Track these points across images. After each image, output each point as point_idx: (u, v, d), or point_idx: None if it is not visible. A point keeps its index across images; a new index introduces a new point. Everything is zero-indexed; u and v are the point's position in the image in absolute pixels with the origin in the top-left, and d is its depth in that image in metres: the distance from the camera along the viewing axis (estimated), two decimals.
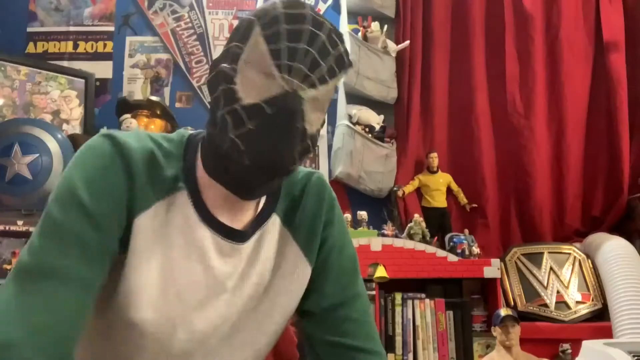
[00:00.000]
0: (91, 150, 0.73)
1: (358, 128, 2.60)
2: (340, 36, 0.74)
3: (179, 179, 0.77)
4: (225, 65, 0.73)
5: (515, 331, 2.04)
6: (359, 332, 0.84)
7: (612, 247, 2.35)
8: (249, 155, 0.69)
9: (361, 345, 0.83)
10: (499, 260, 2.29)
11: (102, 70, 2.89)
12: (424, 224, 2.43)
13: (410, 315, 2.22)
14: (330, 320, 0.84)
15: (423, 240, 2.37)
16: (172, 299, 0.75)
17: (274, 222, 0.83)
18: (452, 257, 2.27)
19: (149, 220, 0.74)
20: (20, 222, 2.21)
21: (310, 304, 0.85)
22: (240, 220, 0.80)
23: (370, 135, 2.62)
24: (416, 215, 2.46)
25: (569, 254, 2.50)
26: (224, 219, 0.78)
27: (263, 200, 0.83)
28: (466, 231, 2.50)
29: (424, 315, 2.23)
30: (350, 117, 2.63)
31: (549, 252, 2.51)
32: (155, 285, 0.74)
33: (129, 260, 0.73)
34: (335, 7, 2.94)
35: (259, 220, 0.82)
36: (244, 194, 0.77)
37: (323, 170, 2.76)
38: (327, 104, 0.76)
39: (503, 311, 2.08)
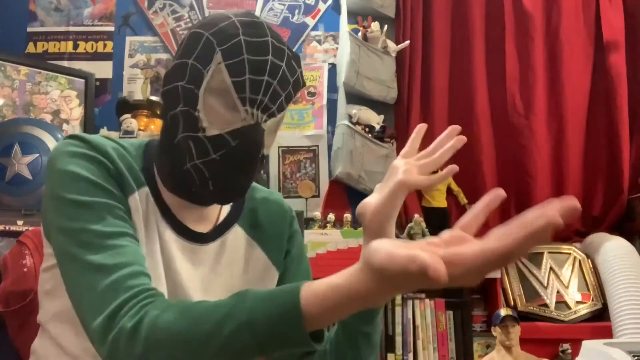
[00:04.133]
0: (66, 146, 0.77)
1: (358, 128, 2.60)
2: (297, 60, 0.80)
3: (139, 177, 0.81)
4: (184, 84, 0.75)
5: (515, 331, 2.04)
6: None
7: (612, 247, 2.34)
8: (214, 182, 0.75)
9: None
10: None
11: (102, 70, 2.89)
12: (424, 224, 2.43)
13: (410, 315, 2.22)
14: None
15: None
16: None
17: (237, 232, 0.89)
18: None
19: (136, 202, 0.79)
20: (20, 222, 2.20)
21: None
22: (201, 224, 0.85)
23: (370, 135, 2.62)
24: (416, 215, 2.46)
25: (569, 254, 2.50)
26: (182, 220, 0.83)
27: (225, 210, 0.89)
28: None
29: (424, 315, 2.23)
30: (350, 117, 2.63)
31: (549, 252, 2.51)
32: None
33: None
34: (335, 7, 2.94)
35: (222, 228, 0.87)
36: (200, 204, 0.83)
37: (323, 170, 2.76)
38: (281, 122, 0.83)
39: (503, 311, 2.08)
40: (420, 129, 0.81)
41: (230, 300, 0.63)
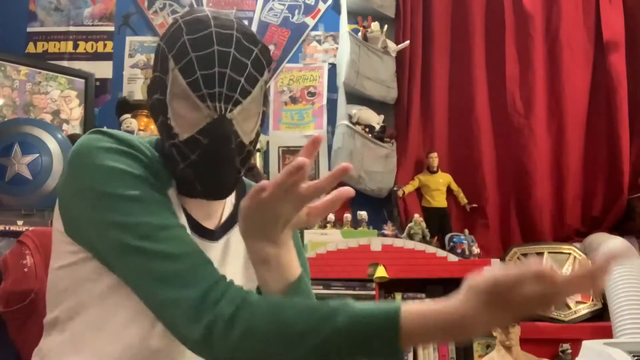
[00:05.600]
0: (98, 143, 0.77)
1: (358, 128, 2.60)
2: (251, 37, 0.78)
3: (169, 175, 0.82)
4: (157, 96, 0.78)
5: (515, 331, 2.04)
6: None
7: (612, 247, 2.34)
8: (200, 182, 0.77)
9: None
10: (499, 260, 2.29)
11: (102, 70, 2.89)
12: (424, 224, 2.43)
13: None
14: None
15: (423, 240, 2.37)
16: None
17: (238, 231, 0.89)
18: (452, 257, 2.27)
19: (175, 196, 0.81)
20: (20, 222, 2.20)
21: None
22: (208, 220, 0.87)
23: (370, 135, 2.62)
24: (416, 215, 2.46)
25: (569, 254, 2.49)
26: (196, 216, 0.85)
27: (228, 208, 0.91)
28: (466, 231, 2.50)
29: None
30: (350, 117, 2.63)
31: (549, 252, 2.51)
32: None
33: None
34: (335, 7, 2.94)
35: (226, 226, 0.89)
36: (208, 199, 0.84)
37: (323, 170, 2.76)
38: (259, 103, 0.81)
39: None
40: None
41: (329, 304, 0.66)
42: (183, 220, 0.82)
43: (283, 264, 0.75)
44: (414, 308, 0.63)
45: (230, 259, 0.88)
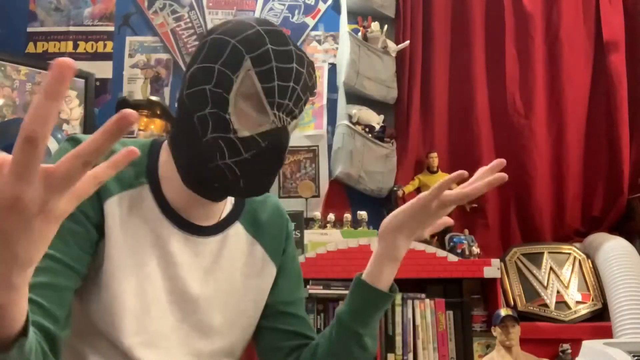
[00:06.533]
0: (57, 153, 0.81)
1: (358, 128, 2.60)
2: (313, 66, 0.86)
3: (142, 175, 0.85)
4: (211, 87, 0.80)
5: (515, 331, 2.04)
6: (305, 326, 1.00)
7: (612, 247, 2.35)
8: (245, 180, 0.80)
9: (308, 333, 0.99)
10: (499, 260, 2.29)
11: (102, 70, 2.89)
12: None
13: (410, 315, 2.22)
14: (281, 313, 0.98)
15: (423, 240, 2.37)
16: (144, 286, 0.83)
17: (238, 229, 0.95)
18: (452, 257, 2.27)
19: (115, 207, 0.82)
20: None
21: (268, 297, 0.98)
22: (202, 219, 0.89)
23: (370, 135, 2.62)
24: None
25: (569, 254, 2.50)
26: (185, 215, 0.87)
27: (227, 209, 0.94)
28: (466, 231, 2.50)
29: (424, 315, 2.23)
30: (350, 117, 2.63)
31: (549, 252, 2.51)
32: (129, 273, 0.81)
33: (107, 248, 0.80)
34: (335, 7, 2.94)
35: (224, 224, 0.93)
36: (214, 199, 0.88)
37: (323, 170, 2.76)
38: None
39: (503, 311, 2.08)
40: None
41: None
42: (156, 219, 0.84)
43: (396, 269, 0.91)
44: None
45: (227, 253, 0.91)
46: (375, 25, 2.79)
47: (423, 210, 0.83)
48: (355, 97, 2.71)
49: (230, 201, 0.96)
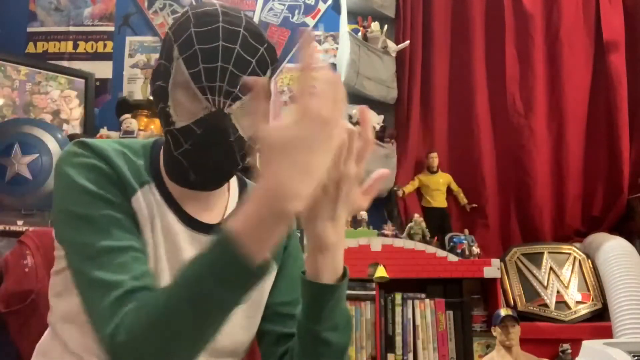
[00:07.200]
0: (71, 155, 0.80)
1: (358, 128, 2.59)
2: (258, 36, 0.79)
3: (147, 173, 0.84)
4: (160, 83, 0.81)
5: (515, 331, 2.04)
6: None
7: (612, 247, 2.35)
8: (193, 170, 0.79)
9: None
10: (499, 260, 2.29)
11: (102, 70, 2.88)
12: (424, 224, 2.43)
13: (410, 315, 2.22)
14: (278, 314, 0.94)
15: (423, 240, 2.37)
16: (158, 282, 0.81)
17: None
18: (452, 257, 2.27)
19: (139, 203, 0.82)
20: (20, 222, 2.21)
21: (267, 298, 0.94)
22: (208, 215, 0.88)
23: None
24: (416, 215, 2.46)
25: (569, 254, 2.50)
26: (190, 210, 0.86)
27: (232, 205, 0.92)
28: (466, 231, 2.50)
29: (424, 315, 2.23)
30: (350, 117, 2.63)
31: (549, 252, 2.51)
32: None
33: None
34: (335, 7, 2.94)
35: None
36: (199, 189, 0.86)
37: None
38: None
39: (503, 311, 2.08)
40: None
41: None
42: (166, 216, 0.83)
43: (337, 255, 0.75)
44: (236, 216, 0.62)
45: None
46: (375, 25, 2.79)
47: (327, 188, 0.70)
48: (355, 97, 2.70)
49: (233, 197, 0.94)
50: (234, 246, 0.60)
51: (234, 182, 0.96)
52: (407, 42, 2.78)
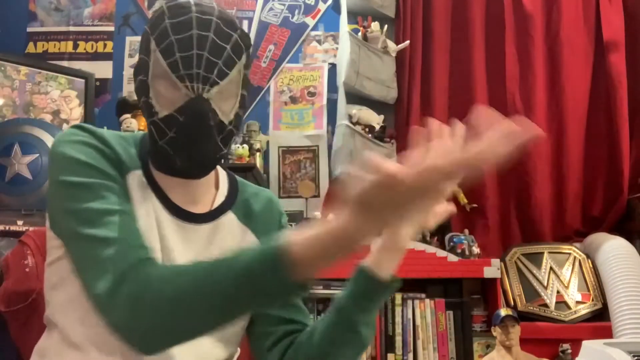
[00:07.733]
0: (68, 135, 0.83)
1: (358, 128, 2.60)
2: (230, 23, 0.83)
3: (136, 160, 0.87)
4: (141, 78, 0.84)
5: (515, 331, 2.04)
6: (299, 313, 0.96)
7: (612, 247, 2.35)
8: (179, 158, 0.82)
9: (302, 320, 0.95)
10: (499, 260, 2.29)
11: (102, 70, 2.89)
12: None
13: (410, 315, 2.22)
14: None
15: (423, 240, 2.37)
16: None
17: (230, 218, 0.94)
18: (452, 257, 2.27)
19: (132, 182, 0.84)
20: (20, 222, 2.20)
21: None
22: (195, 206, 0.90)
23: (370, 135, 2.62)
24: None
25: (569, 254, 2.50)
26: (176, 200, 0.88)
27: (220, 198, 0.94)
28: (466, 231, 2.50)
29: (424, 315, 2.23)
30: (350, 117, 2.63)
31: (549, 252, 2.51)
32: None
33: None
34: (335, 7, 2.94)
35: (216, 212, 0.92)
36: (185, 177, 0.88)
37: (323, 170, 2.76)
38: (238, 86, 0.86)
39: (503, 311, 2.08)
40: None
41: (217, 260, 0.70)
42: (152, 202, 0.85)
43: (399, 259, 0.84)
44: (298, 237, 0.64)
45: (219, 241, 0.91)
46: (375, 25, 2.79)
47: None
48: (355, 97, 2.71)
49: (222, 192, 0.95)
50: (285, 268, 0.63)
51: (223, 177, 0.97)
52: (407, 42, 2.78)
